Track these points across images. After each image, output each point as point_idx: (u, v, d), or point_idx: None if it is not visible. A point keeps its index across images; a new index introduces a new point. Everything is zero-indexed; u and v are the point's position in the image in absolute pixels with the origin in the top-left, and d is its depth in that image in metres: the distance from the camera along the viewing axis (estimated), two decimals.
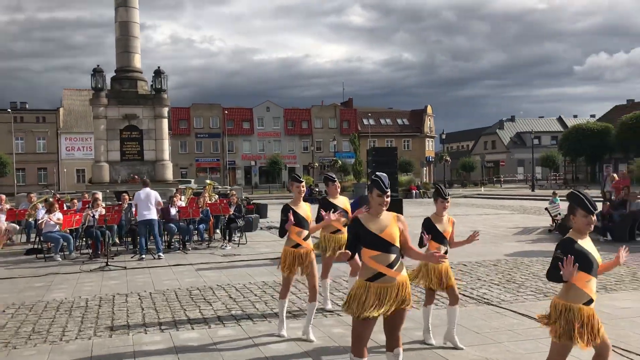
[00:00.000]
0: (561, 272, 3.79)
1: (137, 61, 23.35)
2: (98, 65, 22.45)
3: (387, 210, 4.37)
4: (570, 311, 3.88)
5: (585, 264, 3.86)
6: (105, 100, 22.13)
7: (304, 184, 6.57)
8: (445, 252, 5.95)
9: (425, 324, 6.15)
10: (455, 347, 5.86)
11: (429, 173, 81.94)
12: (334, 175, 7.84)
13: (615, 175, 17.91)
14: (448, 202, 6.00)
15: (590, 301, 3.91)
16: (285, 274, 6.41)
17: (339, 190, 7.73)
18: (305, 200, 6.86)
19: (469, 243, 6.01)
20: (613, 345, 5.77)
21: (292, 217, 6.17)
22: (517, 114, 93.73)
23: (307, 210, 6.44)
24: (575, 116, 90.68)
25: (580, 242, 3.91)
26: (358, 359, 4.23)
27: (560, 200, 17.13)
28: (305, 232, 6.40)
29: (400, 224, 4.34)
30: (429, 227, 5.95)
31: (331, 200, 7.62)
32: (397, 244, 4.27)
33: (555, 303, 3.98)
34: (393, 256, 4.23)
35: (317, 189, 42.25)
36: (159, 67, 23.14)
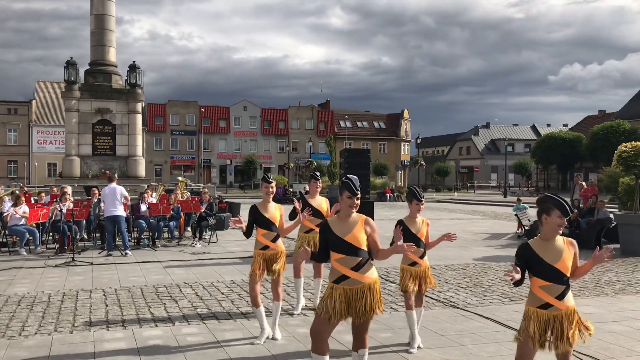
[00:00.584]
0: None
1: (112, 55, 23.03)
2: (71, 58, 22.09)
3: (359, 211, 4.36)
4: (527, 314, 3.96)
5: (540, 269, 3.87)
6: (78, 94, 21.77)
7: (273, 184, 6.45)
8: (423, 255, 5.92)
9: (410, 328, 5.90)
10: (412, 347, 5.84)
11: (403, 177, 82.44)
12: (318, 174, 7.87)
13: (584, 183, 18.24)
14: (422, 204, 5.88)
15: (547, 305, 3.89)
16: (250, 275, 6.28)
17: (318, 190, 7.75)
18: (279, 201, 6.82)
19: (444, 239, 5.85)
20: (575, 350, 5.86)
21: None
22: (493, 121, 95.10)
23: (275, 211, 6.32)
24: (548, 125, 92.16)
25: (540, 247, 3.90)
26: (319, 356, 4.20)
27: (530, 207, 17.35)
28: (273, 234, 6.29)
29: (367, 227, 4.31)
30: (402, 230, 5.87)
31: (308, 199, 7.67)
32: (364, 247, 4.23)
33: (525, 308, 4.05)
34: (359, 259, 4.20)
35: (291, 190, 42.18)
36: (134, 61, 22.87)
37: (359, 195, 4.27)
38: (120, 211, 12.64)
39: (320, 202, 7.71)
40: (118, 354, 5.67)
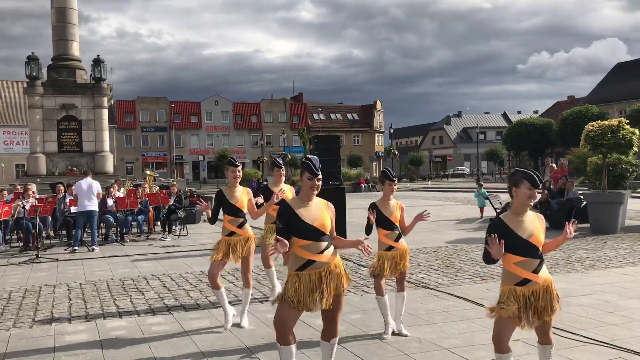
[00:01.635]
0: (490, 252, 3.74)
1: (76, 49, 22.46)
2: (33, 53, 21.49)
3: (331, 198, 4.18)
4: (504, 294, 3.85)
5: (513, 244, 3.78)
6: (41, 90, 21.19)
7: (240, 168, 6.28)
8: (399, 237, 5.70)
9: (384, 316, 5.70)
10: (400, 334, 5.64)
11: (378, 167, 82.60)
12: (281, 161, 7.35)
13: (554, 165, 18.40)
14: (395, 184, 5.70)
15: (525, 281, 3.81)
16: (211, 259, 6.10)
17: (282, 178, 7.17)
18: (255, 195, 6.61)
19: (420, 221, 5.66)
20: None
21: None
22: (464, 110, 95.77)
23: (242, 196, 6.14)
24: (519, 112, 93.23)
25: (513, 222, 3.83)
26: (285, 347, 3.97)
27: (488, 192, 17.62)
28: (240, 220, 6.13)
29: (330, 212, 4.17)
30: (374, 209, 5.65)
31: (273, 188, 7.03)
32: (329, 232, 4.09)
33: (501, 288, 3.94)
34: (324, 244, 4.04)
35: (265, 182, 41.94)
36: (98, 55, 22.36)
37: (320, 176, 4.10)
38: (95, 206, 12.34)
39: (285, 190, 7.04)
40: (79, 347, 5.47)
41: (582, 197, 14.70)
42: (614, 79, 63.95)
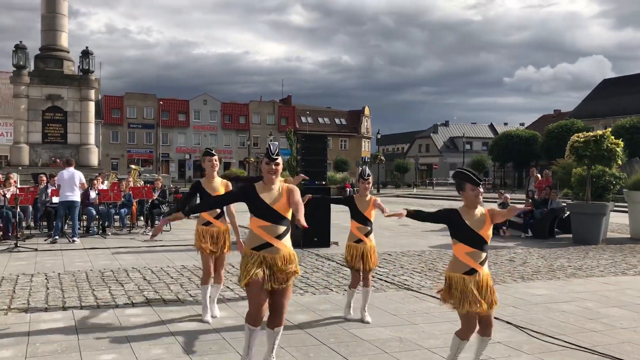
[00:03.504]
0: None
1: (64, 40, 22.21)
2: (21, 42, 21.18)
3: (316, 198, 4.31)
4: (452, 280, 4.16)
5: (466, 234, 4.12)
6: (27, 79, 20.91)
7: (216, 157, 6.23)
8: (368, 233, 6.04)
9: (347, 300, 6.18)
10: (362, 321, 5.96)
11: None
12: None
13: (538, 175, 18.49)
14: (369, 182, 6.04)
15: (472, 271, 4.11)
16: (198, 252, 6.14)
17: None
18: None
19: (396, 216, 5.43)
20: (526, 328, 5.84)
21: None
22: (452, 120, 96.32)
23: (219, 187, 6.08)
24: (505, 124, 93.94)
25: (467, 214, 4.16)
26: (248, 326, 4.17)
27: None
28: (217, 211, 6.07)
29: (292, 195, 4.20)
30: (350, 203, 6.06)
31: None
32: (288, 216, 4.22)
33: (445, 275, 4.27)
34: (283, 228, 4.19)
35: None
36: (86, 47, 22.15)
37: (278, 161, 4.21)
38: (77, 197, 12.17)
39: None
40: (55, 334, 5.36)
41: (565, 207, 14.79)
42: (600, 95, 64.63)
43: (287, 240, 4.23)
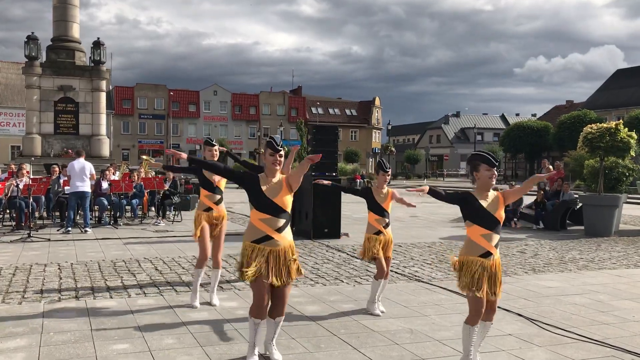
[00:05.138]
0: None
1: (76, 31, 22.29)
2: (32, 33, 21.31)
3: (327, 190, 4.31)
4: (467, 263, 4.17)
5: (481, 215, 4.13)
6: (39, 70, 21.04)
7: (217, 147, 6.41)
8: (387, 225, 6.01)
9: (372, 294, 5.99)
10: (372, 314, 5.90)
11: (374, 164, 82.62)
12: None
13: (550, 167, 18.37)
14: (388, 174, 6.02)
15: (487, 254, 4.13)
16: (196, 239, 6.28)
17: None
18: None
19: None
20: (537, 320, 5.82)
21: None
22: (463, 110, 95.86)
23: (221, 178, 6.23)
24: (517, 114, 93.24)
25: (481, 196, 4.19)
26: (253, 319, 4.23)
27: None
28: (217, 197, 6.28)
29: (290, 183, 4.26)
30: (367, 195, 5.99)
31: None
32: (289, 209, 4.27)
33: (458, 260, 4.27)
34: (283, 221, 4.24)
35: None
36: (98, 38, 22.20)
37: (282, 152, 4.25)
38: (87, 187, 12.25)
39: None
40: (68, 324, 5.41)
41: (577, 199, 14.69)
42: (613, 85, 63.96)
43: (287, 232, 4.27)
